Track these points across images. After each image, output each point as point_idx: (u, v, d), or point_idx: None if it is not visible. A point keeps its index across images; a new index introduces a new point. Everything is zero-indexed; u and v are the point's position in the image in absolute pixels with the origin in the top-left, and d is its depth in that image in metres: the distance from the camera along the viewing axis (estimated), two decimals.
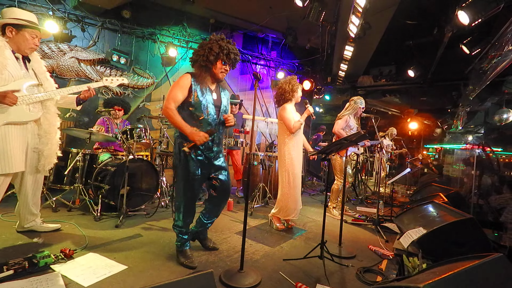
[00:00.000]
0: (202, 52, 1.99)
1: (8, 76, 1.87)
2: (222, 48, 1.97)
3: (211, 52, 1.97)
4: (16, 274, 1.63)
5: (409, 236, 2.20)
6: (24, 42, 1.98)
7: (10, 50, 1.95)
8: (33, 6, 4.22)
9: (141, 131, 3.30)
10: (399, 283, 1.31)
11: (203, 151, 2.04)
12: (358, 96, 3.79)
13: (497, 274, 1.25)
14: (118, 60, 4.69)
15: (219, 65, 2.02)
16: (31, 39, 2.00)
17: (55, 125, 2.20)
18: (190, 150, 1.96)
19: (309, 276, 1.97)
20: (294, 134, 2.88)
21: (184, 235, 2.10)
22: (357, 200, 4.95)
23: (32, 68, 2.09)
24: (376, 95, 7.77)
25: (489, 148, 3.78)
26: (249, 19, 5.62)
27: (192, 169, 1.99)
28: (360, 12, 3.69)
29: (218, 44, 1.98)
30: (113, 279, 1.72)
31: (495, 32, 3.83)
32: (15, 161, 1.94)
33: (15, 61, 1.96)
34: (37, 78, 2.08)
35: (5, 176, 1.96)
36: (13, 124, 1.93)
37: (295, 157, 2.89)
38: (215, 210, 2.25)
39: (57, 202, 3.01)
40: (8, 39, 1.95)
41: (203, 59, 1.99)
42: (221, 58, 1.99)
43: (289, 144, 2.88)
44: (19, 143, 1.98)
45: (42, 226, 2.37)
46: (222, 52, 1.98)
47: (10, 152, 1.91)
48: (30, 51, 2.04)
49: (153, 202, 3.52)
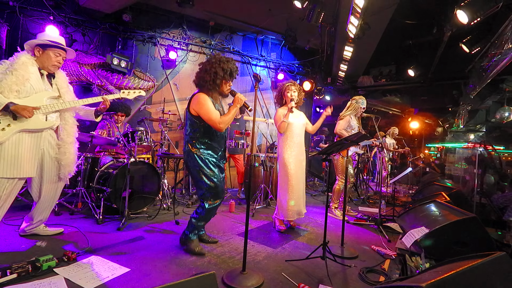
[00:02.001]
0: (208, 78, 2.15)
1: (30, 88, 2.05)
2: (225, 70, 2.17)
3: (217, 77, 2.15)
4: (20, 278, 1.64)
5: (411, 235, 2.20)
6: (48, 60, 2.17)
7: (36, 67, 2.14)
8: (33, 11, 4.25)
9: (142, 134, 3.32)
10: (402, 283, 1.31)
11: (219, 160, 2.26)
12: (360, 96, 3.79)
13: (500, 273, 1.24)
14: (118, 64, 4.70)
15: (224, 84, 2.24)
16: (54, 57, 2.19)
17: (73, 135, 2.33)
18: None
19: (312, 277, 1.97)
20: (290, 136, 2.90)
21: (199, 226, 2.30)
22: (359, 200, 4.94)
23: (55, 84, 2.27)
24: (377, 95, 7.77)
25: (491, 146, 3.77)
26: (249, 21, 5.63)
27: (217, 173, 2.22)
28: (359, 13, 3.69)
29: (221, 68, 2.16)
30: (116, 282, 1.73)
31: (495, 31, 3.83)
32: (24, 166, 2.02)
33: (39, 76, 2.14)
34: (59, 92, 2.25)
35: (14, 180, 2.01)
36: (27, 132, 2.04)
37: (292, 158, 2.87)
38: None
39: (59, 205, 3.01)
40: (36, 57, 2.15)
41: (211, 84, 2.17)
42: (226, 79, 2.20)
43: (284, 145, 2.90)
44: (31, 150, 2.07)
45: (45, 230, 2.40)
46: (226, 74, 2.18)
47: (20, 157, 2.00)
48: (53, 68, 2.22)
49: (155, 204, 3.53)
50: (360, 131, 3.33)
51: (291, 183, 2.86)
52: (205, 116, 2.11)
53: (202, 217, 2.24)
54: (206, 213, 2.23)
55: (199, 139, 2.18)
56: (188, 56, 5.51)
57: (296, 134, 2.93)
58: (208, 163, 2.17)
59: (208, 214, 2.25)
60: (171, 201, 3.67)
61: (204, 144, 2.19)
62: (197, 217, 2.24)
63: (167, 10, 5.19)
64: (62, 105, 2.17)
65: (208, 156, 2.18)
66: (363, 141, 3.18)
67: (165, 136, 4.07)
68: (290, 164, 2.86)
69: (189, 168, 2.25)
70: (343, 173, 3.61)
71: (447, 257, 1.53)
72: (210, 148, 2.20)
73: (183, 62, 5.50)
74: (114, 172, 3.00)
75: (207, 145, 2.20)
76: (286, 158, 2.87)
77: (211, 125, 2.13)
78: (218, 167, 2.23)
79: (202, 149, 2.18)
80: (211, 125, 2.12)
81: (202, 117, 2.13)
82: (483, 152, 3.79)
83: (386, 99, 8.15)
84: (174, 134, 5.32)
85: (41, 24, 4.26)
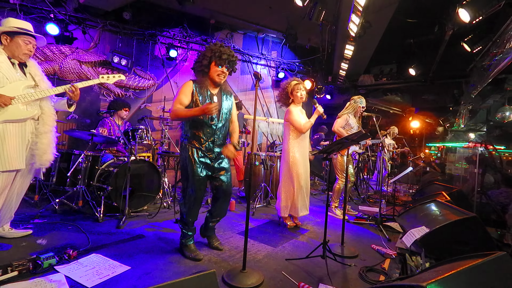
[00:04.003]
0: (198, 59, 2.14)
1: (2, 78, 1.95)
2: (213, 51, 2.09)
3: (204, 57, 2.10)
4: (21, 275, 1.65)
5: (412, 235, 2.20)
6: (18, 49, 2.06)
7: (5, 55, 2.03)
8: (34, 9, 4.24)
9: (143, 132, 3.32)
10: (402, 282, 1.31)
11: (205, 153, 2.13)
12: (359, 96, 3.79)
13: (501, 272, 1.24)
14: (119, 62, 4.70)
15: (214, 68, 2.11)
16: (24, 45, 2.07)
17: (50, 124, 2.20)
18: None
19: (312, 276, 1.97)
20: (300, 137, 2.94)
21: (188, 231, 2.20)
22: (359, 199, 4.94)
23: (29, 73, 2.16)
24: (377, 94, 7.75)
25: (492, 146, 3.76)
26: (249, 19, 5.62)
27: (196, 171, 2.09)
28: (360, 11, 3.68)
29: (210, 49, 2.11)
30: (116, 280, 1.73)
31: (497, 30, 3.81)
32: (13, 158, 1.96)
33: (10, 65, 2.03)
34: (34, 80, 2.15)
35: (3, 173, 1.95)
36: (11, 123, 1.97)
37: (299, 158, 2.92)
38: (218, 210, 2.31)
39: (60, 203, 3.02)
40: (3, 46, 2.05)
41: (199, 65, 2.13)
42: (213, 60, 2.09)
43: (293, 145, 2.94)
44: (18, 141, 2.01)
45: (11, 233, 2.26)
46: (214, 55, 2.08)
47: (8, 149, 1.94)
48: (24, 57, 2.11)
49: (155, 203, 3.53)
50: (360, 130, 3.32)
51: (303, 182, 2.92)
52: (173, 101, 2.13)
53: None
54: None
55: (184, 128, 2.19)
56: (188, 55, 5.50)
57: (306, 135, 3.00)
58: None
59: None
60: (171, 199, 3.68)
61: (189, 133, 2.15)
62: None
63: (168, 8, 5.18)
64: (40, 94, 2.07)
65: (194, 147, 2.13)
66: (361, 140, 3.17)
67: (166, 134, 4.07)
68: (298, 164, 2.90)
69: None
70: (342, 172, 3.62)
71: (447, 257, 1.53)
72: (195, 138, 2.13)
73: (183, 60, 5.49)
74: (115, 170, 3.00)
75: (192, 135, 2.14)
76: (296, 158, 2.91)
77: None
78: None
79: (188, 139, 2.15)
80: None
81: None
82: (484, 151, 3.79)
83: (386, 98, 8.14)
84: (174, 133, 5.32)
85: (41, 22, 4.25)
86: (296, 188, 2.92)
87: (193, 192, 2.11)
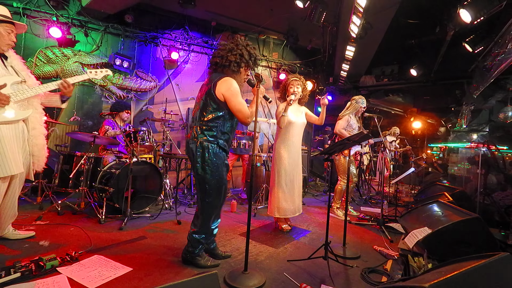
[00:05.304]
0: (233, 59, 1.90)
1: None
2: (251, 55, 1.95)
3: (242, 59, 1.93)
4: (23, 277, 1.65)
5: (414, 236, 2.19)
6: (1, 39, 1.86)
7: None
8: (37, 12, 4.28)
9: (145, 134, 3.33)
10: (404, 283, 1.31)
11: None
12: (359, 96, 3.78)
13: (504, 273, 1.23)
14: (121, 64, 4.74)
15: (244, 72, 2.00)
16: (6, 35, 1.88)
17: (42, 125, 2.09)
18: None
19: (314, 277, 1.96)
20: (285, 132, 2.86)
21: (205, 241, 2.02)
22: (361, 200, 4.93)
23: (11, 66, 1.97)
24: (379, 95, 7.74)
25: (494, 146, 3.74)
26: (250, 21, 5.64)
27: (224, 175, 1.95)
28: (361, 12, 3.69)
29: (247, 51, 1.94)
30: (118, 281, 1.73)
31: (498, 30, 3.80)
32: (14, 162, 1.85)
33: None
34: (18, 75, 1.96)
35: (4, 179, 1.87)
36: (5, 124, 1.82)
37: (286, 155, 2.85)
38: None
39: (62, 205, 3.04)
40: None
41: (235, 66, 1.92)
42: (249, 65, 1.97)
43: (279, 142, 2.89)
44: (16, 143, 1.89)
45: (14, 234, 2.23)
46: (250, 60, 1.95)
47: (7, 154, 1.81)
48: (6, 48, 1.92)
49: (157, 204, 3.54)
50: (362, 131, 3.32)
51: (284, 181, 2.84)
52: (236, 107, 1.86)
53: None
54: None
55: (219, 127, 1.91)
56: (190, 57, 5.52)
57: (294, 134, 2.89)
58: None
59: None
60: (173, 201, 3.68)
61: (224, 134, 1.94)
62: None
63: (169, 10, 5.22)
64: (33, 91, 1.90)
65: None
66: (363, 141, 3.16)
67: (167, 136, 4.09)
68: (284, 162, 2.84)
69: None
70: (344, 173, 3.60)
71: (450, 258, 1.52)
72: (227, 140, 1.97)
73: (185, 63, 5.51)
74: (117, 172, 3.01)
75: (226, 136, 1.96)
76: (281, 156, 2.84)
77: (238, 117, 1.92)
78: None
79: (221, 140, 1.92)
80: (239, 117, 1.91)
81: (231, 106, 1.87)
82: (486, 152, 3.77)
83: (388, 99, 8.12)
84: (176, 134, 5.33)
85: (44, 25, 4.29)
86: (277, 186, 2.83)
87: (223, 198, 1.98)
